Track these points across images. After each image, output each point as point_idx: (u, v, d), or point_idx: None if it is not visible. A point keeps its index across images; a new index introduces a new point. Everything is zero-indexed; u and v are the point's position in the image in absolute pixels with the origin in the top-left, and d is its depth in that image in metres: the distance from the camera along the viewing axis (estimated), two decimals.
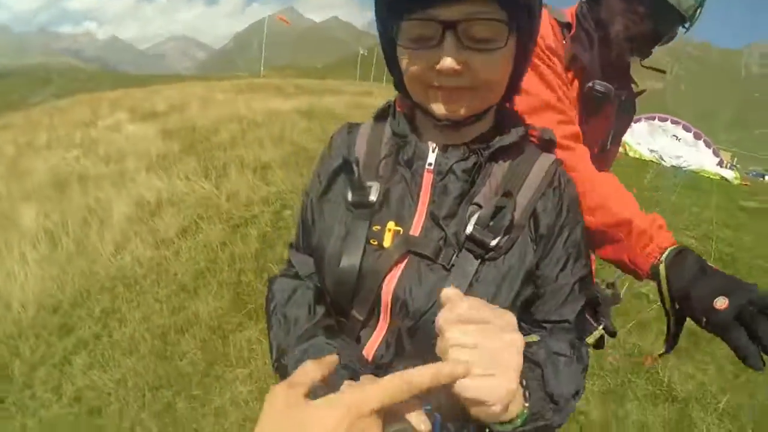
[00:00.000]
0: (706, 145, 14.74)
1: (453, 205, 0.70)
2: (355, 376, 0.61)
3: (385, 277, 0.68)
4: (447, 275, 0.66)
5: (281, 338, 0.73)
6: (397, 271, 0.68)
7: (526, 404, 0.55)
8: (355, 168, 0.74)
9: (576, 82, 1.20)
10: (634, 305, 3.65)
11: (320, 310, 0.75)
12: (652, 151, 13.53)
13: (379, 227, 0.71)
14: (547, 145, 0.77)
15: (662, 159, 13.20)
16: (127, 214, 4.86)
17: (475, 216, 0.68)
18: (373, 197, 0.72)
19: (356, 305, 0.71)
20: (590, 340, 1.09)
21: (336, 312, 0.75)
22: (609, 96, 1.17)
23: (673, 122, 14.61)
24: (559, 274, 0.71)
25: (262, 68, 42.56)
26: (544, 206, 0.71)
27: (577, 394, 0.64)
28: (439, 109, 0.67)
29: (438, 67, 0.62)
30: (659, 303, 0.89)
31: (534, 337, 0.70)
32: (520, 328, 0.71)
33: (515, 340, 0.51)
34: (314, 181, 0.83)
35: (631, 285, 3.79)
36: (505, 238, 0.67)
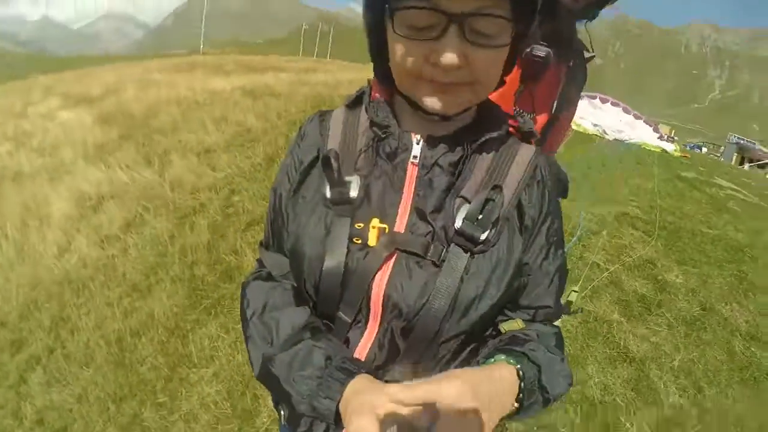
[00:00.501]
0: (647, 123, 15.61)
1: (439, 199, 0.69)
2: (351, 377, 0.59)
3: (373, 276, 0.65)
4: (437, 271, 0.65)
5: (264, 348, 0.68)
6: (386, 270, 0.66)
7: (516, 405, 0.59)
8: (333, 162, 0.69)
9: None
10: (587, 274, 3.83)
11: (302, 311, 0.71)
12: (595, 125, 14.16)
13: (362, 224, 0.67)
14: (527, 135, 0.77)
15: (605, 133, 13.86)
16: (66, 211, 4.52)
17: (464, 210, 0.66)
18: (353, 193, 0.69)
19: (343, 307, 0.68)
20: None
21: (319, 315, 0.72)
22: (548, 60, 1.13)
23: (613, 104, 15.31)
24: (543, 262, 0.72)
25: (201, 45, 40.45)
26: (528, 198, 0.71)
27: (566, 390, 0.67)
28: (431, 103, 0.63)
29: (439, 62, 0.58)
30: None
31: (519, 323, 0.72)
32: (503, 314, 0.73)
33: None
34: (283, 177, 0.78)
35: (582, 255, 4.00)
36: (493, 231, 0.67)
